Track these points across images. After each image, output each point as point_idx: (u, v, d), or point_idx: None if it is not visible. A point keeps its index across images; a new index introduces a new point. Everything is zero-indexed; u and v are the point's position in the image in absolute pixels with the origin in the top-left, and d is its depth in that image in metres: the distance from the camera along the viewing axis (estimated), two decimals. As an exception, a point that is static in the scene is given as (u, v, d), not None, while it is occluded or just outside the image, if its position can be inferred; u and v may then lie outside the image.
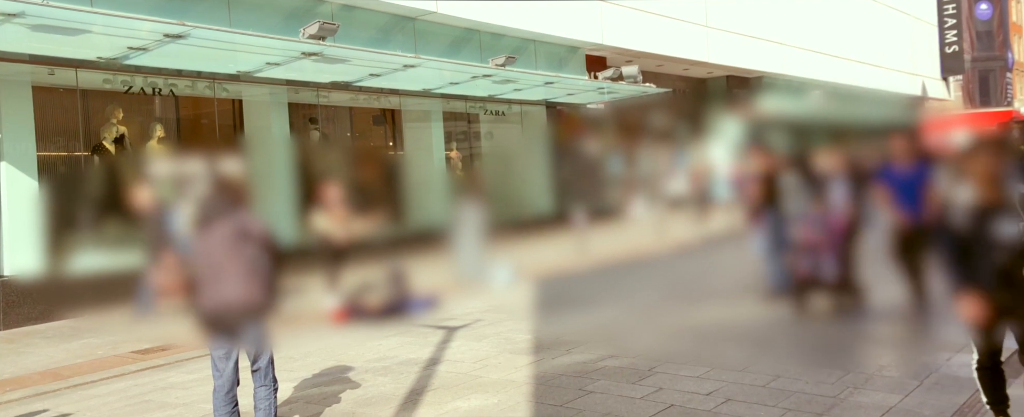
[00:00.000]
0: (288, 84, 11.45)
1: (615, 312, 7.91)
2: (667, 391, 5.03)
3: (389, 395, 5.21)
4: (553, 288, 9.44)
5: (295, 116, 11.96)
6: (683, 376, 5.33)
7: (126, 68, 9.58)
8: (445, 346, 6.65)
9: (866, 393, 4.82)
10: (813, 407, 4.59)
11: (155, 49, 8.88)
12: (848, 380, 5.07)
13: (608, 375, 5.47)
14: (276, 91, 11.43)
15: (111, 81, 9.70)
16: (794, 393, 4.85)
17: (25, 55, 8.73)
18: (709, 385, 5.10)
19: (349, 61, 10.63)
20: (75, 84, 9.36)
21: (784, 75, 20.84)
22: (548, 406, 4.87)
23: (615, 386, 5.20)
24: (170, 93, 10.55)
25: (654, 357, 5.81)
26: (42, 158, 9.11)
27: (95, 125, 10.01)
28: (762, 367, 5.43)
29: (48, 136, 9.47)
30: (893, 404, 4.58)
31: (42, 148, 9.15)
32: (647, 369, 5.52)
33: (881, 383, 5.03)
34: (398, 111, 13.81)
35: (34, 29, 7.76)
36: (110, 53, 9.06)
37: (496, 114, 15.18)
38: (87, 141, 9.87)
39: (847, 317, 6.89)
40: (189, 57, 9.48)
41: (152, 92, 10.25)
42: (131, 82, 9.89)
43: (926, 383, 4.97)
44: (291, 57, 10.05)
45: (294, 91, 11.74)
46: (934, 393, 4.77)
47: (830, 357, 5.77)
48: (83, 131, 9.81)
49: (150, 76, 10.04)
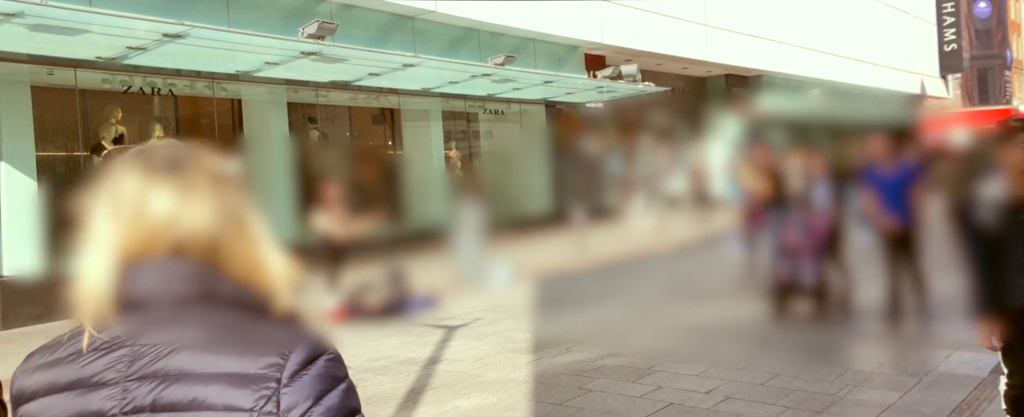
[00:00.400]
0: (287, 83, 11.45)
1: (614, 311, 7.92)
2: (666, 389, 5.03)
3: (389, 394, 5.22)
4: (552, 287, 9.45)
5: (294, 116, 11.96)
6: (682, 374, 5.34)
7: (125, 68, 9.58)
8: (444, 345, 6.66)
9: (865, 391, 4.82)
10: (812, 405, 4.60)
11: (154, 49, 8.87)
12: (847, 378, 5.08)
13: (607, 374, 5.47)
14: (275, 90, 11.43)
15: (110, 81, 9.70)
16: (793, 391, 4.86)
17: (24, 55, 8.73)
18: (708, 383, 5.11)
19: (348, 60, 10.63)
20: (74, 84, 9.36)
21: (783, 73, 20.84)
22: (547, 405, 4.88)
23: (614, 385, 5.21)
24: (169, 93, 10.55)
25: (653, 355, 5.82)
26: (41, 158, 9.11)
27: (94, 125, 10.00)
28: (761, 365, 5.44)
29: (47, 136, 9.47)
30: (892, 401, 4.59)
31: (41, 148, 9.15)
32: (646, 368, 5.53)
33: (880, 381, 5.04)
34: (397, 110, 13.81)
35: (33, 29, 7.75)
36: (109, 53, 9.06)
37: (495, 113, 15.18)
38: (86, 141, 9.87)
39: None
40: (188, 57, 9.47)
41: (151, 92, 10.25)
42: (130, 82, 9.89)
43: (925, 380, 4.97)
44: (290, 56, 10.05)
45: (293, 90, 11.74)
46: (933, 391, 4.78)
47: (826, 356, 5.79)
48: (82, 131, 9.80)
49: (149, 76, 10.04)
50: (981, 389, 4.75)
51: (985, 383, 4.84)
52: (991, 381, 4.90)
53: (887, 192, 6.33)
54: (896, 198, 6.29)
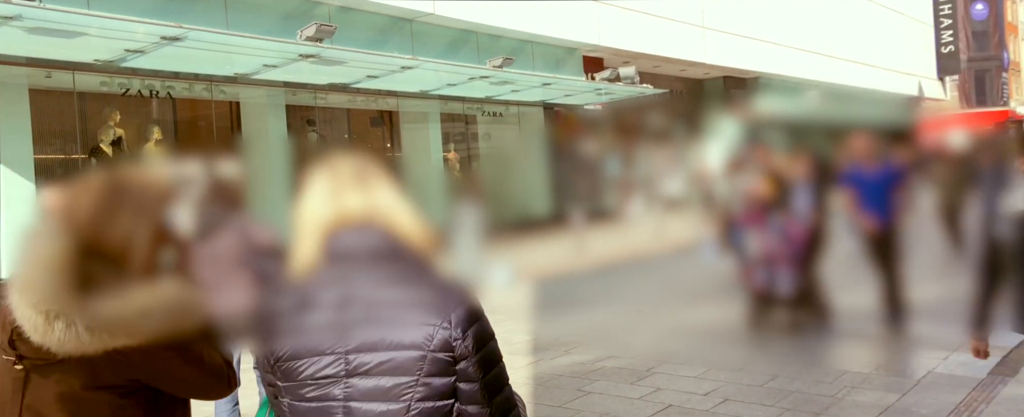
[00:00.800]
0: (285, 86, 11.45)
1: (613, 312, 7.92)
2: (665, 391, 5.04)
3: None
4: (551, 288, 9.44)
5: (293, 118, 11.95)
6: (681, 376, 5.35)
7: (123, 71, 9.58)
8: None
9: (863, 392, 4.83)
10: (811, 406, 4.61)
11: (152, 51, 8.87)
12: (845, 379, 5.08)
13: (606, 375, 5.48)
14: (273, 93, 11.42)
15: (108, 84, 9.70)
16: (792, 392, 4.86)
17: (22, 58, 8.72)
18: (707, 385, 5.12)
19: (346, 63, 10.64)
20: (72, 87, 9.36)
21: (781, 75, 20.87)
22: (547, 407, 4.88)
23: (613, 386, 5.21)
24: (167, 95, 10.55)
25: (652, 357, 5.82)
26: (39, 161, 9.10)
27: (92, 128, 10.00)
28: (760, 367, 5.45)
29: (45, 139, 9.46)
30: (890, 403, 4.60)
31: (39, 151, 9.14)
32: (645, 369, 5.54)
33: (878, 382, 5.05)
34: (396, 112, 13.81)
35: (31, 32, 7.75)
36: (107, 56, 9.06)
37: (494, 115, 15.19)
38: (84, 144, 9.86)
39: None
40: (186, 59, 9.47)
41: (149, 94, 10.24)
42: (128, 84, 9.89)
43: (923, 382, 4.98)
44: (288, 59, 10.05)
45: (292, 93, 11.73)
46: (931, 392, 4.79)
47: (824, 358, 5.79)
48: (80, 134, 9.80)
49: (147, 78, 10.03)
50: (979, 391, 4.76)
51: (983, 385, 4.85)
52: (989, 383, 4.91)
53: (868, 193, 6.12)
54: (877, 199, 6.06)
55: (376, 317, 1.44)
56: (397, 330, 1.43)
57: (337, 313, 1.45)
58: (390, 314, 1.44)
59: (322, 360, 1.44)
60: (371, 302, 1.45)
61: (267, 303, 1.53)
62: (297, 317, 1.47)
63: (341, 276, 1.48)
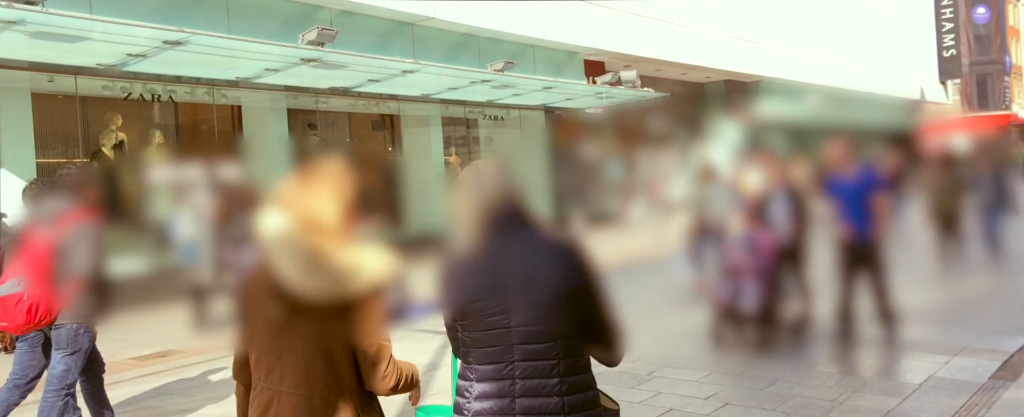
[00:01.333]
0: (287, 90, 11.47)
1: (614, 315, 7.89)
2: (666, 395, 5.03)
3: (387, 400, 5.21)
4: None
5: (294, 122, 11.97)
6: (682, 380, 5.34)
7: (125, 75, 9.60)
8: (444, 351, 6.65)
9: (864, 396, 4.82)
10: (811, 411, 4.60)
11: (154, 56, 8.89)
12: (846, 383, 5.08)
13: (607, 379, 5.44)
14: (275, 97, 11.44)
15: (110, 87, 9.72)
16: (792, 397, 4.86)
17: (24, 62, 8.75)
18: (708, 389, 5.11)
19: (348, 67, 10.65)
20: (74, 91, 9.38)
21: (782, 79, 20.87)
22: (547, 411, 4.87)
23: (614, 390, 5.18)
24: (169, 99, 10.57)
25: (653, 361, 5.82)
26: (41, 165, 9.11)
27: (94, 131, 10.02)
28: (760, 371, 5.44)
29: (47, 143, 9.48)
30: (891, 407, 4.59)
31: (41, 155, 9.16)
32: (646, 373, 5.53)
33: (878, 386, 5.04)
34: (397, 116, 13.83)
35: (33, 36, 7.77)
36: (109, 60, 9.08)
37: (495, 119, 15.20)
38: (86, 147, 9.89)
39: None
40: (188, 63, 9.50)
41: (151, 98, 10.26)
42: (130, 88, 9.91)
43: (924, 386, 4.98)
44: (290, 63, 10.07)
45: (293, 97, 11.75)
46: (932, 396, 4.78)
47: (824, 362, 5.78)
48: (82, 137, 9.82)
49: (149, 82, 10.06)
50: (980, 395, 4.75)
51: (984, 389, 4.85)
52: (990, 387, 4.91)
53: (846, 200, 5.92)
54: (855, 206, 5.86)
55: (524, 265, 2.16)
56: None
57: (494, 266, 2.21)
58: (534, 262, 2.20)
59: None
60: (518, 257, 2.20)
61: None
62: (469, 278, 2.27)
63: (493, 243, 2.21)
